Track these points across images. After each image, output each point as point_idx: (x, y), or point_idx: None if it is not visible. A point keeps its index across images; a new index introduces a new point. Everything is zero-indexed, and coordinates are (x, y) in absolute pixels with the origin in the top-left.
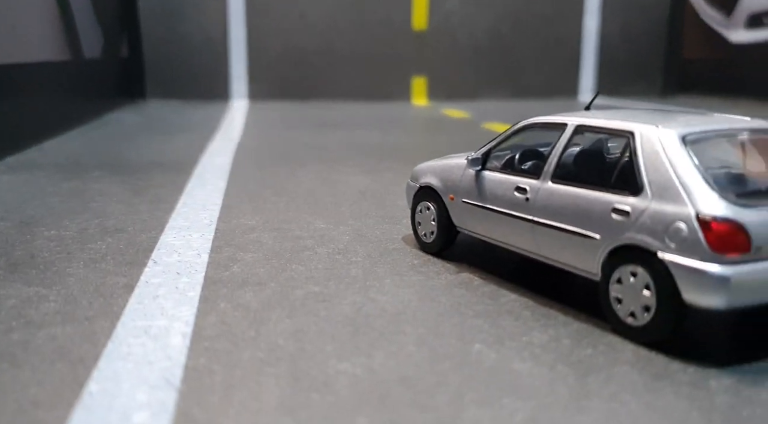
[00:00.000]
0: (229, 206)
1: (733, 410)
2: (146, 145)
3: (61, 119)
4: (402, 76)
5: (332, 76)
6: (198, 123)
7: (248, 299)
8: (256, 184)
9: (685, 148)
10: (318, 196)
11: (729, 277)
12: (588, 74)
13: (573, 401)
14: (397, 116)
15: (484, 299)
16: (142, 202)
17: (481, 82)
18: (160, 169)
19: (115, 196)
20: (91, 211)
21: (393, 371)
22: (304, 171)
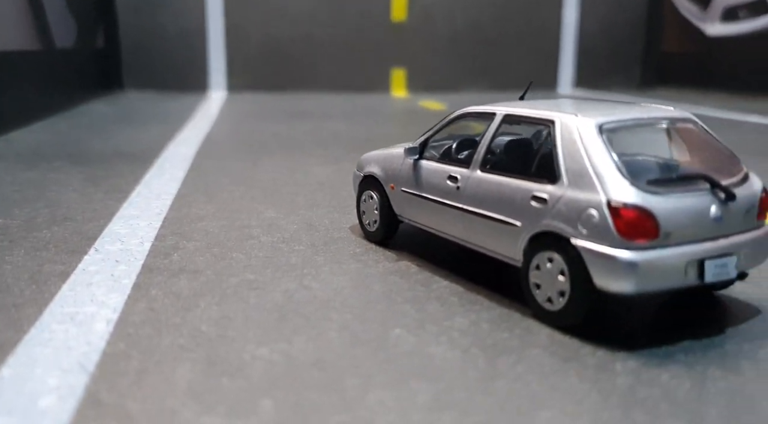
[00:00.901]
0: (184, 196)
1: (631, 391)
2: (113, 136)
3: (30, 110)
4: (381, 67)
5: (311, 68)
6: (171, 114)
7: (181, 287)
8: (216, 174)
9: (601, 136)
10: (276, 186)
11: (637, 262)
12: (567, 66)
13: (479, 382)
14: (373, 107)
15: (417, 285)
16: (97, 191)
17: (460, 73)
18: (122, 159)
19: (71, 186)
20: (43, 200)
21: (309, 356)
22: (268, 161)
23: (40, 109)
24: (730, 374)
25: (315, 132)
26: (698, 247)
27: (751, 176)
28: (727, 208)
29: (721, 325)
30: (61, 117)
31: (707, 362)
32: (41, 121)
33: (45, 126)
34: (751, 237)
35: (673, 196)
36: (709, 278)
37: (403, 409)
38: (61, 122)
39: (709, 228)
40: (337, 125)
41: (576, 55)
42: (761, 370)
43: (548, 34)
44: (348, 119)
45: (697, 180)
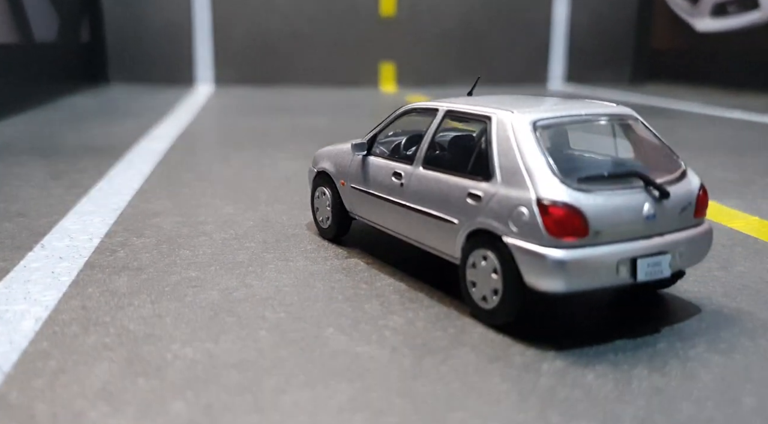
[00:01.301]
0: (145, 191)
1: (551, 391)
2: (87, 130)
3: (6, 103)
4: (370, 62)
5: (299, 62)
6: (152, 108)
7: (119, 284)
8: (184, 169)
9: (534, 133)
10: (241, 181)
11: (565, 261)
12: (557, 62)
13: (399, 382)
14: (359, 102)
15: (361, 283)
16: (58, 186)
17: (449, 68)
18: (91, 154)
19: (32, 181)
20: (0, 195)
21: (232, 356)
22: (239, 156)
23: (17, 102)
24: (656, 373)
25: (293, 127)
26: (630, 245)
27: (689, 174)
28: (661, 206)
29: (659, 324)
30: (40, 111)
31: (635, 361)
32: (18, 115)
33: (21, 120)
34: (688, 235)
35: (604, 194)
36: (641, 276)
37: (315, 410)
38: (38, 116)
39: (642, 226)
40: (317, 120)
41: (566, 50)
42: (687, 369)
43: (539, 29)
44: (331, 114)
45: (630, 178)
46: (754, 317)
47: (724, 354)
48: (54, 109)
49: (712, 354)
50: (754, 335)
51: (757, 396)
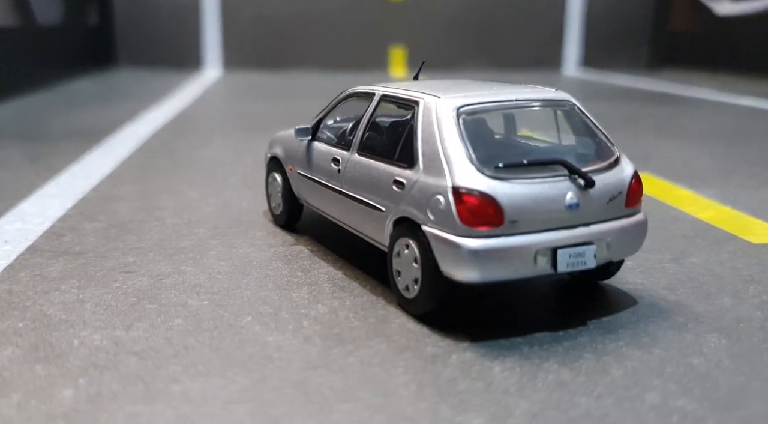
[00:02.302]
0: (115, 176)
1: (451, 383)
2: (80, 114)
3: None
4: (380, 46)
5: (308, 46)
6: (152, 92)
7: (53, 270)
8: (162, 154)
9: (458, 120)
10: (215, 166)
11: (478, 251)
12: (572, 46)
13: (298, 373)
14: None
15: (297, 271)
16: (31, 170)
17: (460, 52)
18: (76, 138)
19: (6, 164)
20: None
21: (139, 344)
22: (222, 141)
23: (16, 86)
24: (566, 367)
25: (289, 112)
26: (550, 235)
27: (623, 162)
28: (586, 195)
29: (588, 316)
30: (39, 94)
31: (549, 354)
32: (17, 99)
33: (19, 103)
34: (617, 226)
35: (522, 182)
36: (562, 267)
37: (203, 401)
38: (36, 100)
39: (564, 216)
40: (314, 105)
41: (582, 34)
42: (600, 364)
43: (553, 12)
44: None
45: (554, 166)
46: (689, 310)
47: (643, 348)
48: (54, 93)
49: (631, 348)
50: (682, 328)
51: (661, 393)
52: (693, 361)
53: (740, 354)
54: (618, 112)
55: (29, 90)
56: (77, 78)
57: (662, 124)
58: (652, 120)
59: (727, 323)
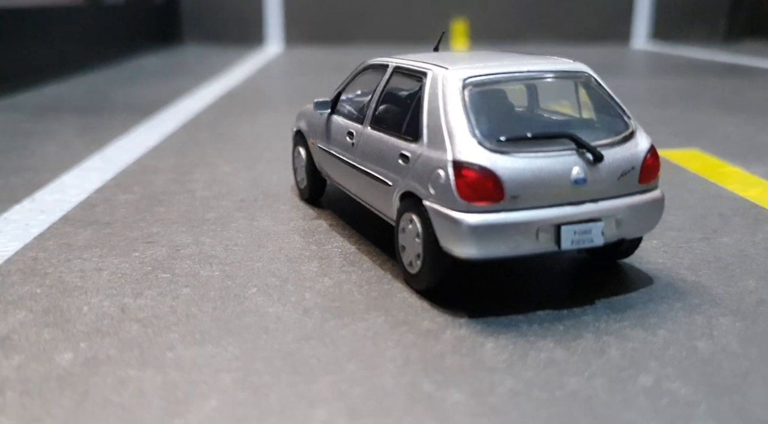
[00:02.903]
0: (157, 149)
1: (438, 359)
2: (138, 89)
3: (72, 64)
4: (441, 18)
5: (369, 19)
6: (211, 68)
7: (80, 238)
8: (205, 128)
9: (463, 91)
10: (254, 142)
11: (477, 226)
12: (642, 17)
13: (291, 344)
14: None
15: (311, 245)
16: (79, 142)
17: (524, 25)
18: (128, 112)
19: (57, 136)
20: (19, 149)
21: (144, 311)
22: (267, 116)
23: (84, 63)
24: (561, 346)
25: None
26: (554, 211)
27: (638, 136)
28: (595, 170)
29: (598, 295)
30: (106, 71)
31: (547, 333)
32: (84, 76)
33: (85, 79)
34: (630, 203)
35: (525, 156)
36: (566, 244)
37: (192, 368)
38: (101, 76)
39: (570, 191)
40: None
41: (653, 4)
42: (599, 344)
43: None
44: None
45: (561, 139)
46: (707, 291)
47: (648, 329)
48: (119, 70)
49: (635, 329)
50: (694, 310)
51: (656, 376)
52: (698, 344)
53: (751, 338)
54: (681, 85)
55: (96, 67)
56: (144, 55)
57: (728, 98)
58: (717, 93)
59: (746, 305)
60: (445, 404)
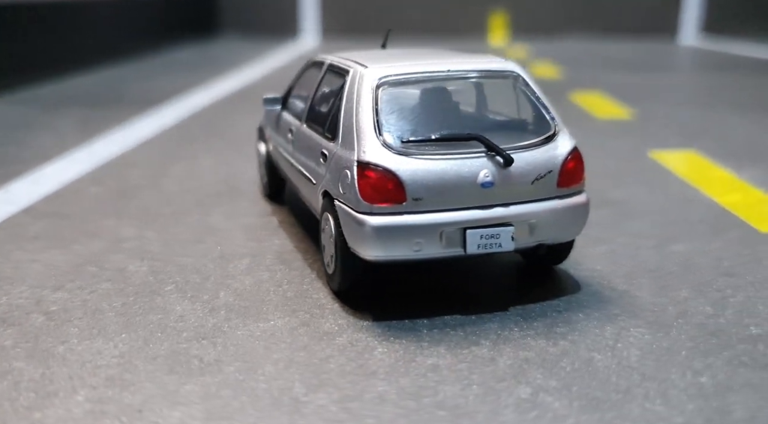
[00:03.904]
0: (146, 143)
1: (322, 362)
2: (158, 82)
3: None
4: (479, 10)
5: (405, 12)
6: (239, 60)
7: (31, 230)
8: (204, 122)
9: (375, 91)
10: (247, 137)
11: (378, 228)
12: (692, 10)
13: (182, 342)
14: None
15: (250, 242)
16: (74, 135)
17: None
18: (137, 104)
19: (58, 128)
20: (14, 141)
21: (56, 304)
22: None
23: (114, 56)
24: (451, 353)
25: None
26: (458, 214)
27: (559, 139)
28: (505, 173)
29: (516, 301)
30: (136, 64)
31: (445, 338)
32: (112, 68)
33: (112, 73)
34: (545, 207)
35: (430, 158)
36: (472, 249)
37: (75, 363)
38: (130, 69)
39: (477, 194)
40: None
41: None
42: (492, 352)
43: None
44: None
45: (469, 141)
46: (632, 301)
47: (551, 339)
48: (151, 62)
49: (538, 339)
50: (609, 321)
51: (536, 387)
52: (596, 356)
53: (655, 351)
54: (707, 83)
55: (128, 59)
56: (180, 47)
57: (753, 98)
58: (742, 92)
59: (665, 317)
60: (307, 409)
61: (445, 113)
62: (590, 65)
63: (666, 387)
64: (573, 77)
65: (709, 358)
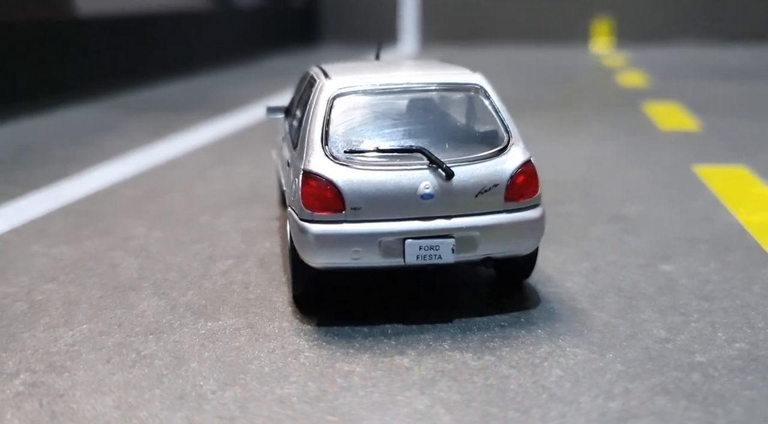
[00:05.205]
0: (204, 148)
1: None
2: (243, 89)
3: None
4: (582, 16)
5: (506, 19)
6: None
7: (56, 226)
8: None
9: (330, 102)
10: None
11: (317, 236)
12: None
13: (125, 338)
14: (550, 63)
15: (243, 244)
16: (144, 138)
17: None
18: (214, 110)
19: (130, 132)
20: (83, 143)
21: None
22: None
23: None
24: (366, 363)
25: None
26: (397, 225)
27: (510, 153)
28: (447, 185)
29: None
30: (231, 72)
31: (371, 347)
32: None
33: (204, 79)
34: (490, 221)
35: (371, 170)
36: (411, 259)
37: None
38: (221, 76)
39: (418, 206)
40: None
41: None
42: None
43: None
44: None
45: (413, 154)
46: (587, 321)
47: (476, 353)
48: (244, 70)
49: (465, 353)
50: (548, 339)
51: (433, 399)
52: (514, 373)
53: (578, 373)
54: None
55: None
56: (278, 55)
57: None
58: None
59: (612, 339)
60: (208, 406)
61: (397, 126)
62: (687, 74)
63: (569, 410)
64: (659, 86)
65: (633, 383)
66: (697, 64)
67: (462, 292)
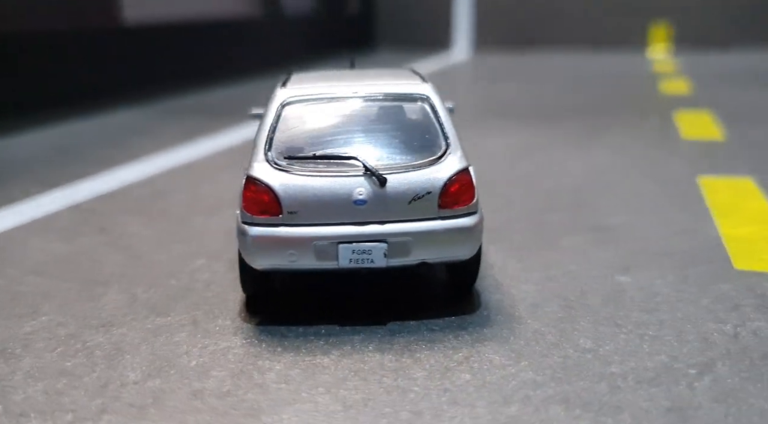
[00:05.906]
0: (229, 150)
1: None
2: None
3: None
4: (639, 22)
5: (560, 24)
6: None
7: (61, 221)
8: None
9: (278, 110)
10: None
11: (254, 237)
12: None
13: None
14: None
15: (223, 244)
16: (174, 141)
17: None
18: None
19: (165, 135)
20: (117, 145)
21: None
22: None
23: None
24: (285, 362)
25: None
26: (330, 229)
27: (445, 162)
28: (381, 192)
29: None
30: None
31: (299, 346)
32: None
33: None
34: (422, 227)
35: (307, 175)
36: (344, 262)
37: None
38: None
39: (351, 212)
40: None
41: None
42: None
43: None
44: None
45: (349, 161)
46: (516, 328)
47: (396, 356)
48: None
49: (385, 355)
50: (464, 347)
51: (329, 396)
52: (421, 375)
53: (483, 379)
54: None
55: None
56: (329, 62)
57: None
58: None
59: (535, 347)
60: (125, 394)
61: (339, 134)
62: (734, 81)
63: (461, 413)
64: (699, 94)
65: (536, 391)
66: (750, 71)
67: (409, 295)
